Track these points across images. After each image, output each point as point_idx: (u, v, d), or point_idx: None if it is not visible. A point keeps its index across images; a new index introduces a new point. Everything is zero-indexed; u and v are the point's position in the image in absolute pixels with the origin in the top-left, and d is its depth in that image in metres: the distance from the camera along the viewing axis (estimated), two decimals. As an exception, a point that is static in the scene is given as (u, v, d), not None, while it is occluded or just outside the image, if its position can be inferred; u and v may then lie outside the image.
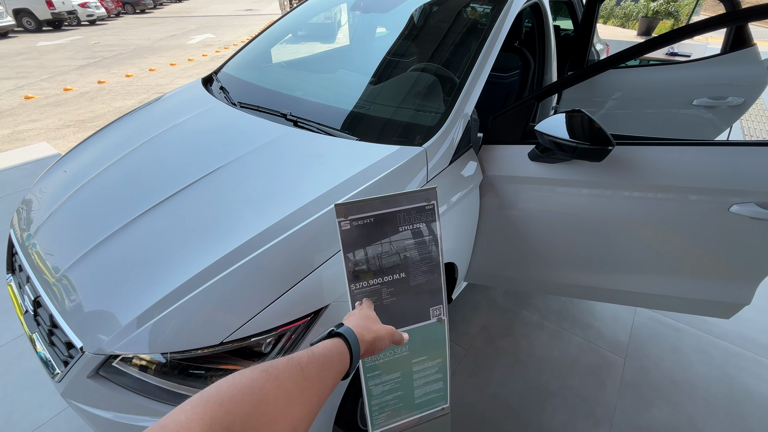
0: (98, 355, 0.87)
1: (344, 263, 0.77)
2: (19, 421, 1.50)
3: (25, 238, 1.16)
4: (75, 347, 0.92)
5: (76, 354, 0.92)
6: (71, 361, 0.94)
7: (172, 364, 0.87)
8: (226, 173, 1.15)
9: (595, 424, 1.51)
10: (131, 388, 0.89)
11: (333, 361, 0.49)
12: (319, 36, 2.26)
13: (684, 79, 2.08)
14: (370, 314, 0.68)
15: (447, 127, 1.27)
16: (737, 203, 1.18)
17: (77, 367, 0.91)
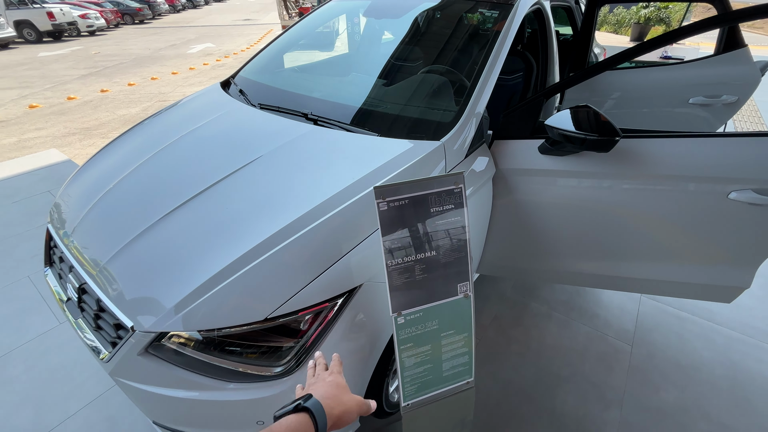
0: (148, 333, 0.94)
1: (381, 241, 0.84)
2: (49, 411, 1.54)
3: (67, 232, 1.22)
4: (124, 328, 0.98)
5: (125, 335, 0.98)
6: (119, 342, 1.00)
7: (216, 341, 0.94)
8: (258, 167, 1.23)
9: (606, 406, 1.57)
10: (178, 363, 0.95)
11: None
12: (333, 40, 2.35)
13: (680, 79, 2.19)
14: (341, 382, 0.62)
15: (462, 123, 1.35)
16: (735, 190, 1.26)
17: (127, 347, 0.97)
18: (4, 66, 9.58)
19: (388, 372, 1.25)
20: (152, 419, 1.06)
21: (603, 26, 12.52)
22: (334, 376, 0.63)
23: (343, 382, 0.62)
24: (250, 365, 0.94)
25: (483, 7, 1.73)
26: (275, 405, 0.94)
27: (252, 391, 0.93)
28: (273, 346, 0.96)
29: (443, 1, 1.85)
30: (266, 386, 0.93)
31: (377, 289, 1.02)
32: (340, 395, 0.58)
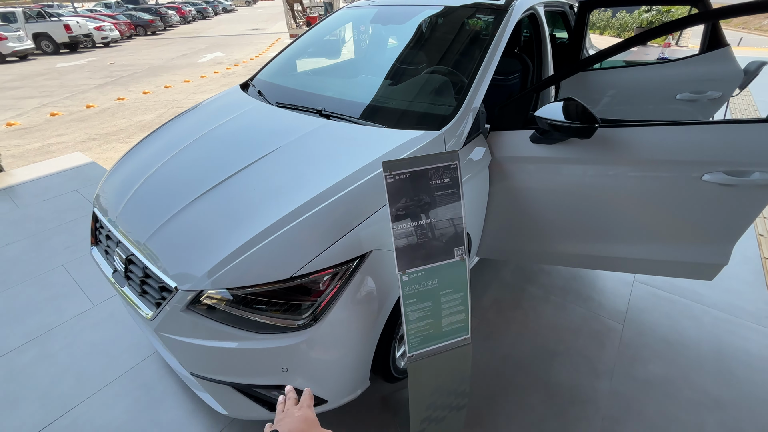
0: (189, 291, 1.10)
1: (389, 207, 1.00)
2: (89, 380, 1.71)
3: (113, 213, 1.40)
4: (168, 290, 1.15)
5: (168, 296, 1.15)
6: (163, 302, 1.16)
7: (247, 298, 1.10)
8: (280, 154, 1.39)
9: (596, 377, 1.70)
10: (214, 318, 1.11)
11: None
12: (343, 45, 2.53)
13: (667, 77, 2.33)
14: (310, 416, 0.60)
15: (459, 116, 1.51)
16: (708, 172, 1.40)
17: (171, 305, 1.13)
18: (24, 76, 9.99)
19: (395, 337, 1.39)
20: (190, 371, 1.21)
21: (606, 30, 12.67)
22: (303, 411, 0.61)
23: (312, 416, 0.60)
24: (275, 318, 1.09)
25: (480, 13, 1.90)
26: (297, 353, 1.09)
27: (277, 341, 1.09)
28: (295, 303, 1.11)
29: (443, 9, 2.02)
30: (289, 337, 1.09)
31: (384, 255, 1.17)
32: (307, 430, 0.57)
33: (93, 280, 2.29)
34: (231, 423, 1.53)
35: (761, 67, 2.33)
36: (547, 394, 1.63)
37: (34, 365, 1.78)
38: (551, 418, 1.54)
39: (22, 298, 2.17)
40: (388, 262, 1.18)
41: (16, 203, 3.17)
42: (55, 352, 1.85)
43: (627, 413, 1.55)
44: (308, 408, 0.62)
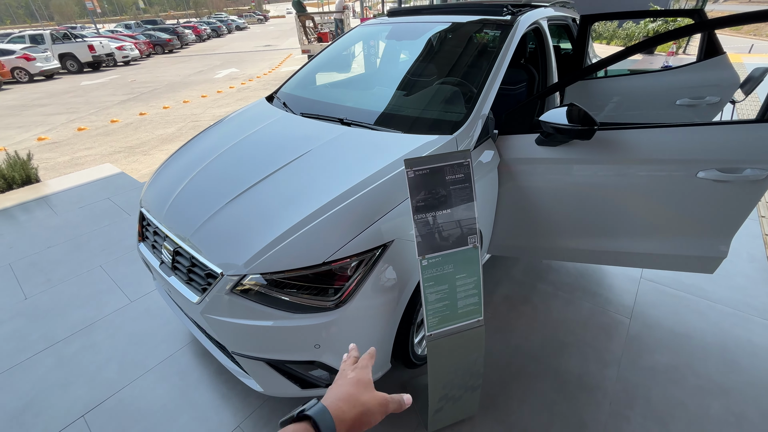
0: (234, 276, 1.25)
1: (410, 200, 1.14)
2: (130, 367, 1.86)
3: (160, 211, 1.57)
4: (213, 276, 1.30)
5: (213, 281, 1.30)
6: (209, 287, 1.31)
7: (284, 282, 1.24)
8: (310, 157, 1.55)
9: (604, 365, 1.78)
10: (256, 300, 1.25)
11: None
12: (360, 59, 2.72)
13: (667, 84, 2.45)
14: (363, 377, 0.55)
15: (470, 122, 1.66)
16: (703, 170, 1.51)
17: (216, 289, 1.28)
18: (51, 94, 10.51)
19: (413, 322, 1.52)
20: (231, 349, 1.35)
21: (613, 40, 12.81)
22: (357, 372, 0.56)
23: (366, 377, 0.55)
24: (309, 300, 1.23)
25: (487, 28, 2.06)
26: (329, 330, 1.23)
27: (311, 320, 1.22)
28: (325, 286, 1.25)
29: (454, 24, 2.19)
30: (321, 316, 1.22)
31: (405, 245, 1.31)
32: (358, 395, 0.51)
33: (129, 278, 2.47)
34: (261, 406, 1.66)
35: (765, 73, 2.43)
36: (557, 381, 1.72)
37: (81, 354, 1.94)
38: (561, 402, 1.63)
39: (66, 294, 2.35)
40: (408, 252, 1.32)
41: (55, 210, 3.40)
42: (99, 342, 2.01)
43: (634, 399, 1.63)
44: (364, 369, 0.57)
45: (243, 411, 1.65)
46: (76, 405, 1.69)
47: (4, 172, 3.81)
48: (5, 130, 7.16)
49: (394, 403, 0.53)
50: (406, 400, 0.54)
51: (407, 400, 0.54)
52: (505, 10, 2.11)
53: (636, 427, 1.53)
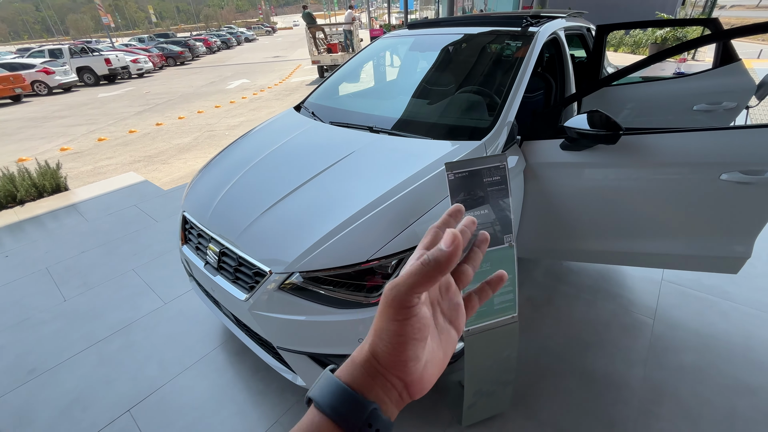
0: (282, 274, 1.32)
1: (450, 200, 1.21)
2: (170, 364, 1.94)
3: (205, 215, 1.65)
4: (261, 274, 1.38)
5: (261, 279, 1.37)
6: (256, 285, 1.39)
7: (329, 279, 1.31)
8: (347, 162, 1.64)
9: (630, 365, 1.82)
10: (302, 296, 1.32)
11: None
12: (383, 71, 2.83)
13: (683, 90, 2.51)
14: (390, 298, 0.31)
15: (497, 128, 1.74)
16: (726, 172, 1.56)
17: (265, 286, 1.36)
18: (70, 106, 10.83)
19: (447, 321, 1.58)
20: (277, 345, 1.42)
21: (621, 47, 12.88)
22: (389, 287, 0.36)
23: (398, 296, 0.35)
24: (353, 296, 1.30)
25: (509, 39, 2.15)
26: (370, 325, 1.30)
27: (354, 314, 1.29)
28: (369, 283, 1.32)
29: (475, 35, 2.28)
30: (365, 311, 1.29)
31: (442, 245, 1.38)
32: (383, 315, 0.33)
33: (161, 281, 2.56)
34: (298, 401, 1.72)
35: None
36: (584, 380, 1.76)
37: (122, 352, 2.03)
38: (590, 400, 1.67)
39: (103, 297, 2.45)
40: (445, 251, 1.39)
41: (85, 217, 3.53)
42: (138, 341, 2.09)
43: (662, 396, 1.67)
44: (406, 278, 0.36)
45: (280, 406, 1.71)
46: (122, 400, 1.77)
47: (35, 181, 3.96)
48: (29, 141, 7.39)
49: (417, 265, 0.28)
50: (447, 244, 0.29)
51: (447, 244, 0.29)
52: (525, 22, 2.20)
53: (665, 424, 1.57)
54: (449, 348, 0.33)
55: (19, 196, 3.82)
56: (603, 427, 1.56)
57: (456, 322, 0.35)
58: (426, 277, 0.28)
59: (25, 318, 2.31)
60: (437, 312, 0.33)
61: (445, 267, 0.28)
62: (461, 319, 0.35)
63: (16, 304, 2.43)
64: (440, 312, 0.34)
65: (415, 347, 0.29)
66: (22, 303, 2.44)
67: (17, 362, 2.00)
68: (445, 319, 0.34)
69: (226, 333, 2.11)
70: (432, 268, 0.27)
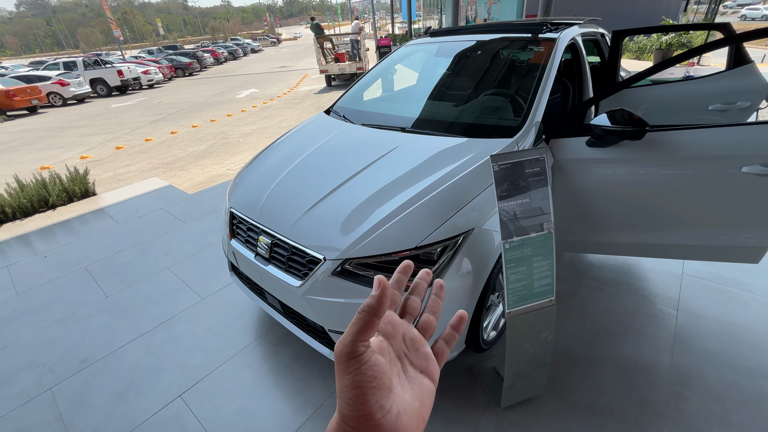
0: (336, 261, 1.42)
1: (495, 190, 1.31)
2: (214, 355, 2.03)
3: (254, 209, 1.76)
4: (314, 262, 1.48)
5: (315, 267, 1.48)
6: (310, 272, 1.49)
7: (380, 265, 1.41)
8: (389, 159, 1.75)
9: (657, 351, 1.89)
10: (355, 281, 1.42)
11: None
12: (412, 75, 2.96)
13: (697, 91, 2.61)
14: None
15: (526, 127, 1.85)
16: (747, 165, 1.65)
17: (319, 272, 1.46)
18: (86, 116, 11.09)
19: (484, 308, 1.67)
20: (329, 327, 1.52)
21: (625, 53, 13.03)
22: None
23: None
24: (404, 281, 1.40)
25: (532, 45, 2.27)
26: (422, 307, 1.39)
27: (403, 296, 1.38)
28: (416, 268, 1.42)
29: (500, 41, 2.41)
30: (415, 295, 1.39)
31: (483, 233, 1.48)
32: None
33: (196, 278, 2.66)
34: (340, 387, 1.81)
35: None
36: (614, 365, 1.84)
37: (167, 344, 2.12)
38: (620, 384, 1.74)
39: (142, 293, 2.56)
40: (485, 239, 1.49)
41: (116, 220, 3.66)
42: (181, 334, 2.19)
43: (690, 380, 1.74)
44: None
45: (324, 392, 1.79)
46: (172, 386, 1.86)
47: (65, 186, 4.11)
48: (49, 149, 7.59)
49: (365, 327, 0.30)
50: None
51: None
52: (545, 29, 2.32)
53: (695, 405, 1.64)
54: (426, 397, 0.33)
55: (51, 201, 3.97)
56: (635, 408, 1.64)
57: (428, 371, 0.35)
58: (365, 324, 0.29)
59: (70, 313, 2.42)
60: (406, 364, 0.34)
61: (377, 310, 0.30)
62: (432, 367, 0.35)
63: (60, 300, 2.55)
64: (409, 364, 0.34)
65: (376, 396, 0.28)
66: (66, 299, 2.55)
67: (69, 353, 2.11)
68: (415, 369, 0.34)
69: (264, 325, 2.21)
70: (367, 314, 0.30)
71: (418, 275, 0.41)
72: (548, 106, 2.59)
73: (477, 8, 18.68)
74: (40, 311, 2.46)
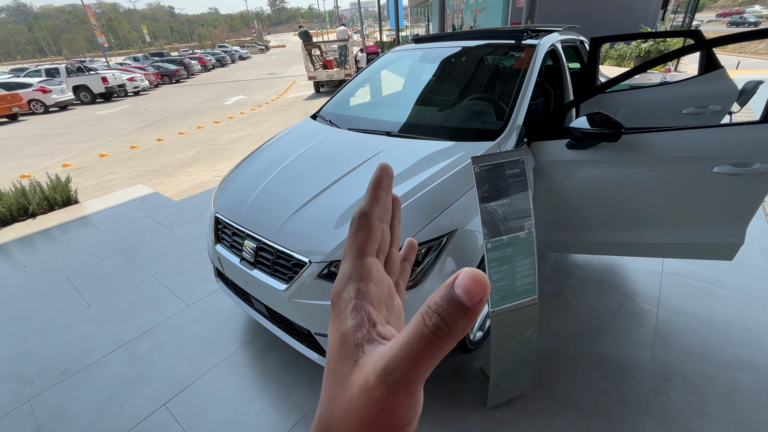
0: (322, 263, 1.43)
1: (477, 191, 1.34)
2: (199, 362, 2.01)
3: (239, 214, 1.76)
4: (300, 265, 1.48)
5: (300, 270, 1.48)
6: (296, 275, 1.49)
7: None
8: (374, 162, 1.77)
9: (639, 348, 1.94)
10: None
11: None
12: (398, 80, 3.00)
13: (672, 95, 2.71)
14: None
15: (508, 130, 1.89)
16: (717, 165, 1.72)
17: (304, 276, 1.46)
18: (68, 124, 10.88)
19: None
20: (314, 331, 1.52)
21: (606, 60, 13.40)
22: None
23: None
24: (389, 282, 1.41)
25: (513, 51, 2.33)
26: (405, 308, 1.40)
27: (391, 299, 1.40)
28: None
29: (483, 48, 2.46)
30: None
31: (466, 234, 1.50)
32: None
33: (182, 286, 2.63)
34: (328, 391, 1.80)
35: (758, 86, 2.70)
36: (597, 362, 1.87)
37: (151, 352, 2.09)
38: (604, 380, 1.78)
39: (126, 301, 2.51)
40: (469, 240, 1.51)
41: (99, 228, 3.59)
42: (165, 342, 2.16)
43: (670, 375, 1.78)
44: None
45: (312, 396, 1.78)
46: (156, 395, 1.83)
47: (46, 194, 4.02)
48: (29, 158, 7.43)
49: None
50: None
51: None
52: (526, 35, 2.39)
53: (675, 399, 1.68)
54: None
55: (31, 209, 3.88)
56: (618, 404, 1.67)
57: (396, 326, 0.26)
58: (363, 229, 0.27)
59: (50, 323, 2.36)
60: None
61: (371, 209, 0.27)
62: (400, 323, 0.27)
63: (40, 311, 2.48)
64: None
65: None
66: (46, 309, 2.49)
67: (48, 364, 2.05)
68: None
69: (252, 331, 2.19)
70: (360, 218, 0.27)
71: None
72: (530, 110, 2.66)
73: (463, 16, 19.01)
74: (19, 322, 2.39)
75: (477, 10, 17.27)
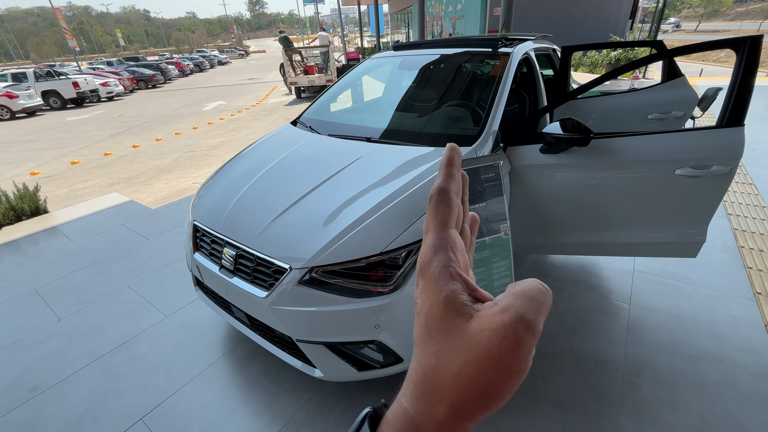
0: (303, 269, 1.43)
1: (454, 195, 1.37)
2: (178, 374, 1.96)
3: (218, 221, 1.74)
4: (280, 272, 1.48)
5: (281, 276, 1.47)
6: (276, 282, 1.48)
7: (346, 272, 1.43)
8: (353, 168, 1.78)
9: (613, 344, 2.01)
10: (322, 289, 1.43)
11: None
12: (377, 87, 3.03)
13: (638, 102, 2.84)
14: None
15: (484, 136, 1.94)
16: (679, 168, 1.82)
17: (285, 282, 1.46)
18: (36, 130, 10.46)
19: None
20: (296, 337, 1.51)
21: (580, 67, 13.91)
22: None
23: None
24: (369, 285, 1.43)
25: (488, 58, 2.40)
26: (386, 311, 1.42)
27: (371, 302, 1.41)
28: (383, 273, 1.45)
29: (459, 55, 2.52)
30: (381, 299, 1.41)
31: (445, 237, 1.54)
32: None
33: (160, 296, 2.56)
34: (311, 398, 1.79)
35: (717, 92, 2.87)
36: (574, 359, 1.93)
37: (127, 365, 2.03)
38: (580, 377, 1.83)
39: (99, 314, 2.43)
40: (447, 243, 1.54)
41: (71, 238, 3.46)
42: (142, 354, 2.10)
43: (642, 369, 1.86)
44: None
45: (294, 404, 1.77)
46: (133, 410, 1.77)
47: (13, 204, 3.85)
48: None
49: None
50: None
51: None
52: (500, 44, 2.47)
53: (647, 392, 1.75)
54: None
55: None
56: (594, 399, 1.73)
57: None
58: (443, 208, 0.28)
59: (17, 339, 2.26)
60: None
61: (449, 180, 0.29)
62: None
63: (6, 326, 2.37)
64: None
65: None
66: (13, 324, 2.38)
67: (15, 382, 1.96)
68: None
69: (233, 340, 2.16)
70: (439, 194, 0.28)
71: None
72: (506, 116, 2.74)
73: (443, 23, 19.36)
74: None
75: (456, 18, 17.63)
